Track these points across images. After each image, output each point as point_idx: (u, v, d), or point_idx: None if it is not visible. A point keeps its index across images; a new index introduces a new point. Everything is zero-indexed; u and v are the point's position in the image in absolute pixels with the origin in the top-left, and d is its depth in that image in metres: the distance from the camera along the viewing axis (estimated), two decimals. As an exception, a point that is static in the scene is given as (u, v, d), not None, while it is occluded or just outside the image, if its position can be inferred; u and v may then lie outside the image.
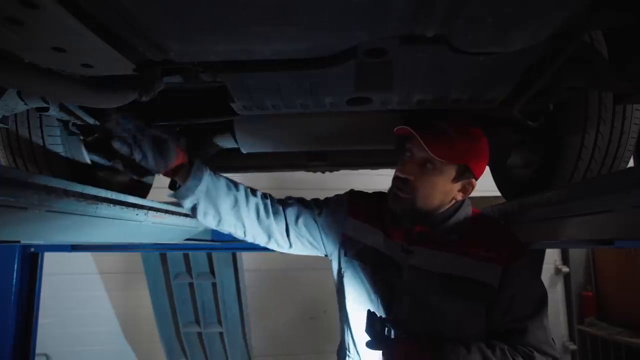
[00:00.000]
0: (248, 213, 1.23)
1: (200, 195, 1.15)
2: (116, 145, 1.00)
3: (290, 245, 1.31)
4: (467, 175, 1.16)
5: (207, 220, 1.20)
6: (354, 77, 1.00)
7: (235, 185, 1.24)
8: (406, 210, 1.18)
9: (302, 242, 1.31)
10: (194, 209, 1.17)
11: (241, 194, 1.22)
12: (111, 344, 4.33)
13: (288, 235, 1.29)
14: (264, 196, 1.29)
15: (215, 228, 1.23)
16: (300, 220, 1.29)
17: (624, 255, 4.26)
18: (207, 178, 1.15)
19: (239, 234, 1.26)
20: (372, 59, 0.90)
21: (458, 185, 1.17)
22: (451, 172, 1.14)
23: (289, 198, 1.35)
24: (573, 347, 4.70)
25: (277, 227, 1.27)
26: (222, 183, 1.20)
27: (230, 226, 1.23)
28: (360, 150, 1.84)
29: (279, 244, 1.30)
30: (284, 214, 1.29)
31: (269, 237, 1.28)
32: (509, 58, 0.91)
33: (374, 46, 0.87)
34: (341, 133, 1.53)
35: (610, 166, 1.43)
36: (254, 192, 1.27)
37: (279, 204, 1.30)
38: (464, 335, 1.09)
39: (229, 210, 1.20)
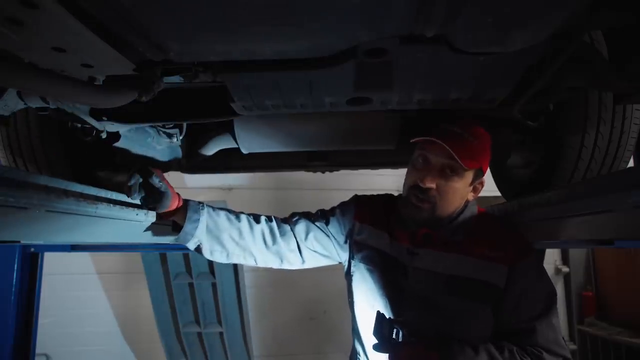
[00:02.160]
0: (254, 242, 1.24)
1: (201, 236, 1.18)
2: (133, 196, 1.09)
3: (303, 261, 1.32)
4: (479, 176, 1.17)
5: (215, 256, 1.23)
6: (354, 77, 1.00)
7: (237, 216, 1.24)
8: (427, 219, 1.16)
9: (314, 256, 1.32)
10: (198, 249, 1.20)
11: (244, 225, 1.23)
12: (111, 344, 4.32)
13: (300, 253, 1.30)
14: (268, 219, 1.29)
15: (225, 262, 1.25)
16: (311, 235, 1.30)
17: (624, 255, 4.25)
18: (204, 218, 1.17)
19: (250, 262, 1.27)
20: (372, 59, 0.90)
21: (471, 187, 1.17)
22: (469, 176, 1.14)
23: (294, 215, 1.36)
24: (573, 347, 4.69)
25: (288, 247, 1.28)
26: (223, 218, 1.21)
27: (239, 258, 1.25)
28: (360, 150, 1.84)
29: (292, 263, 1.31)
30: (293, 232, 1.29)
31: (281, 259, 1.29)
32: (509, 58, 0.91)
33: (374, 46, 0.87)
34: (341, 133, 1.53)
35: (610, 166, 1.43)
36: (257, 218, 1.28)
37: (285, 224, 1.31)
38: (472, 336, 1.09)
39: (235, 243, 1.22)
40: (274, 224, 1.29)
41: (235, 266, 3.33)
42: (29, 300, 2.23)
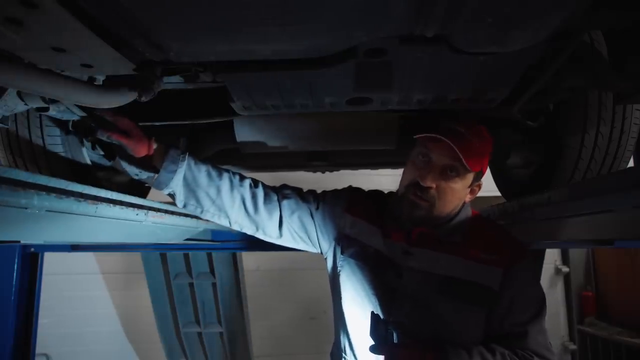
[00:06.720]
0: (232, 204, 1.20)
1: (176, 188, 1.15)
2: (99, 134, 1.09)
3: (280, 236, 1.27)
4: (478, 178, 1.15)
5: (188, 209, 1.19)
6: (354, 77, 1.00)
7: (219, 174, 1.20)
8: (423, 217, 1.14)
9: (293, 236, 1.28)
10: (172, 197, 1.17)
11: (224, 184, 1.19)
12: (111, 344, 4.33)
13: (280, 227, 1.25)
14: (254, 185, 1.25)
15: (199, 216, 1.22)
16: (296, 215, 1.26)
17: (624, 255, 4.26)
18: (182, 170, 1.14)
19: (223, 222, 1.23)
20: (372, 59, 0.90)
21: (469, 188, 1.16)
22: (470, 178, 1.13)
23: (285, 187, 1.32)
24: (573, 347, 4.69)
25: (269, 217, 1.24)
26: (203, 174, 1.17)
27: (213, 217, 1.21)
28: (360, 150, 1.84)
29: (267, 234, 1.27)
30: (279, 205, 1.25)
31: (257, 227, 1.25)
32: (509, 58, 0.91)
33: (374, 46, 0.87)
34: (341, 133, 1.53)
35: (610, 166, 1.43)
36: (242, 180, 1.23)
37: (274, 193, 1.27)
38: (464, 338, 1.08)
39: (211, 201, 1.18)
40: (259, 190, 1.24)
41: (235, 266, 3.33)
42: (29, 300, 2.23)
